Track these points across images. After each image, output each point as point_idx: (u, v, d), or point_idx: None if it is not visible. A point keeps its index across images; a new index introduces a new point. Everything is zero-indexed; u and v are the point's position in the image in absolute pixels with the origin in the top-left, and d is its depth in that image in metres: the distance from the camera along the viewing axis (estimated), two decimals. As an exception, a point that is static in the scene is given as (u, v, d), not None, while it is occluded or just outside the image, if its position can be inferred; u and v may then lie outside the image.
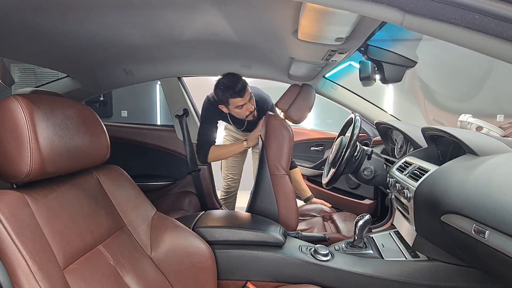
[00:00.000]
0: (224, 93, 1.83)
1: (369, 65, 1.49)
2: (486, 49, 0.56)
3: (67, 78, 1.97)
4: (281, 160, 1.54)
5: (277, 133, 1.56)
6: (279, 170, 1.54)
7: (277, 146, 1.55)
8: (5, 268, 0.68)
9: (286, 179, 1.55)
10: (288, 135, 1.56)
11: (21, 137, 0.76)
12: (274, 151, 1.55)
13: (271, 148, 1.55)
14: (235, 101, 1.84)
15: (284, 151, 1.54)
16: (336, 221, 1.91)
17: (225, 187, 2.59)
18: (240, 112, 1.91)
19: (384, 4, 0.59)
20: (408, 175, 1.24)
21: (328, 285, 1.19)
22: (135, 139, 2.33)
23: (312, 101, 1.73)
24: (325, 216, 2.00)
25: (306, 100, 1.69)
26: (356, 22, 0.99)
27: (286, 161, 1.55)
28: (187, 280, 1.10)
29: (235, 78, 1.83)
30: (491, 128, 1.54)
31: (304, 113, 1.68)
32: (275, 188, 1.53)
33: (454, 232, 0.89)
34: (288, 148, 1.55)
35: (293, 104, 1.65)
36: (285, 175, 1.54)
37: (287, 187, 1.54)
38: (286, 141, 1.55)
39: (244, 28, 1.29)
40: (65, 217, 0.84)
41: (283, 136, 1.55)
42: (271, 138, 1.56)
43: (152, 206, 1.18)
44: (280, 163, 1.54)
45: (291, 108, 1.66)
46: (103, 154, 1.04)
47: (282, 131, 1.56)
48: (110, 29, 1.25)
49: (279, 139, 1.55)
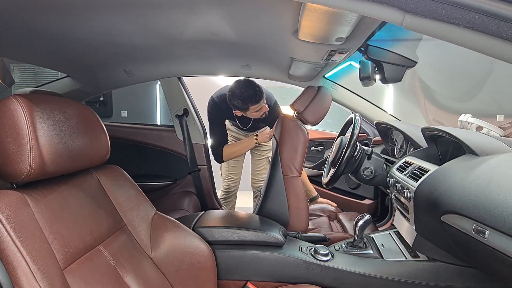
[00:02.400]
0: (245, 102, 1.87)
1: (369, 65, 1.49)
2: (486, 49, 0.56)
3: (67, 78, 1.97)
4: (295, 161, 1.54)
5: (292, 134, 1.55)
6: (292, 171, 1.54)
7: (291, 147, 1.54)
8: (5, 268, 0.68)
9: (299, 181, 1.55)
10: (303, 137, 1.55)
11: (21, 137, 0.76)
12: (288, 152, 1.54)
13: (285, 148, 1.55)
14: (255, 107, 1.90)
15: (299, 152, 1.54)
16: (342, 220, 1.91)
17: (225, 187, 2.59)
18: (257, 114, 1.97)
19: (384, 4, 0.59)
20: (408, 175, 1.24)
21: (328, 285, 1.19)
22: (135, 139, 2.33)
23: (329, 104, 1.71)
24: (331, 216, 2.00)
25: (322, 103, 1.67)
26: (356, 22, 0.99)
27: (300, 162, 1.55)
28: (187, 280, 1.10)
29: (252, 85, 1.88)
30: (491, 128, 1.54)
31: (320, 115, 1.66)
32: (287, 189, 1.53)
33: (454, 232, 0.89)
34: (302, 149, 1.55)
35: (309, 106, 1.63)
36: (297, 177, 1.54)
37: (299, 189, 1.54)
38: (301, 142, 1.54)
39: (244, 28, 1.29)
40: (65, 217, 0.84)
41: (298, 137, 1.55)
42: (286, 138, 1.56)
43: (152, 206, 1.18)
44: (293, 164, 1.54)
45: (307, 110, 1.63)
46: (103, 154, 1.04)
47: (298, 132, 1.55)
48: (110, 29, 1.25)
49: (294, 140, 1.55)
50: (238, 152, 2.27)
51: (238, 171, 2.59)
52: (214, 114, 2.17)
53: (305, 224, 1.55)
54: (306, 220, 1.55)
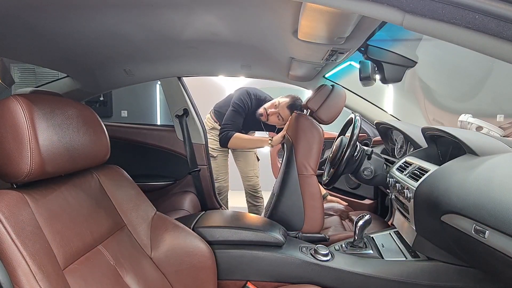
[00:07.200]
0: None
1: (369, 65, 1.49)
2: (486, 49, 0.56)
3: (67, 78, 1.97)
4: (310, 160, 1.53)
5: (307, 133, 1.55)
6: (307, 169, 1.53)
7: (306, 146, 1.53)
8: (5, 268, 0.68)
9: (314, 179, 1.54)
10: (318, 136, 1.54)
11: (21, 137, 0.76)
12: (303, 151, 1.53)
13: (300, 147, 1.54)
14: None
15: (314, 151, 1.53)
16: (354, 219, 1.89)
17: (217, 188, 2.60)
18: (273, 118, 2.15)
19: (384, 4, 0.59)
20: (408, 175, 1.24)
21: (328, 285, 1.19)
22: (135, 139, 2.33)
23: (343, 103, 1.70)
24: (342, 215, 1.98)
25: (337, 102, 1.66)
26: (356, 22, 0.99)
27: (315, 161, 1.54)
28: (187, 280, 1.10)
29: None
30: (491, 128, 1.54)
31: (334, 114, 1.66)
32: (302, 188, 1.52)
33: (454, 232, 0.89)
34: (317, 148, 1.54)
35: (323, 104, 1.63)
36: (313, 175, 1.53)
37: (314, 187, 1.53)
38: (316, 141, 1.54)
39: (244, 28, 1.29)
40: (65, 217, 0.84)
41: (313, 136, 1.54)
42: (300, 137, 1.55)
43: (152, 206, 1.18)
44: (308, 163, 1.53)
45: (321, 109, 1.63)
46: (103, 154, 1.04)
47: (313, 131, 1.55)
48: (110, 29, 1.25)
49: (309, 139, 1.54)
50: (247, 144, 2.31)
51: (226, 170, 2.62)
52: (244, 107, 2.22)
53: (320, 223, 1.53)
54: (321, 219, 1.54)
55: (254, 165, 2.64)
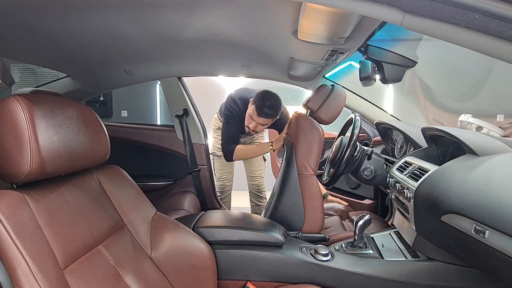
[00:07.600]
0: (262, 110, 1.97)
1: (369, 65, 1.49)
2: (486, 49, 0.56)
3: (67, 78, 1.97)
4: (310, 160, 1.53)
5: (307, 133, 1.54)
6: (307, 169, 1.52)
7: (306, 146, 1.53)
8: (5, 268, 0.68)
9: (314, 179, 1.53)
10: (318, 136, 1.54)
11: (21, 137, 0.76)
12: (303, 151, 1.53)
13: (300, 147, 1.54)
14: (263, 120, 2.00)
15: (314, 151, 1.53)
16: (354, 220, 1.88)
17: (220, 187, 2.61)
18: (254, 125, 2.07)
19: (384, 4, 0.59)
20: (408, 175, 1.24)
21: (328, 285, 1.19)
22: (135, 139, 2.33)
23: (343, 103, 1.69)
24: (342, 215, 1.97)
25: (336, 102, 1.65)
26: (356, 22, 1.00)
27: (315, 161, 1.54)
28: (187, 280, 1.10)
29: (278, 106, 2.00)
30: (491, 128, 1.54)
31: (334, 114, 1.65)
32: (302, 188, 1.52)
33: (454, 232, 0.89)
34: (317, 148, 1.53)
35: (323, 104, 1.62)
36: (313, 175, 1.53)
37: (314, 187, 1.52)
38: (316, 141, 1.53)
39: (244, 28, 1.29)
40: (65, 217, 0.84)
41: (313, 135, 1.54)
42: (300, 137, 1.55)
43: (152, 206, 1.18)
44: (308, 163, 1.53)
45: (321, 109, 1.62)
46: (103, 154, 1.04)
47: (313, 131, 1.54)
48: (110, 29, 1.25)
49: (309, 139, 1.53)
50: (251, 155, 2.28)
51: (231, 169, 2.62)
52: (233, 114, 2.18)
53: (320, 223, 1.53)
54: (322, 219, 1.54)
55: (259, 166, 2.64)
